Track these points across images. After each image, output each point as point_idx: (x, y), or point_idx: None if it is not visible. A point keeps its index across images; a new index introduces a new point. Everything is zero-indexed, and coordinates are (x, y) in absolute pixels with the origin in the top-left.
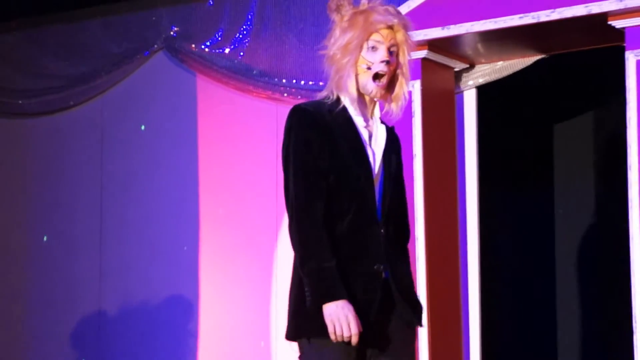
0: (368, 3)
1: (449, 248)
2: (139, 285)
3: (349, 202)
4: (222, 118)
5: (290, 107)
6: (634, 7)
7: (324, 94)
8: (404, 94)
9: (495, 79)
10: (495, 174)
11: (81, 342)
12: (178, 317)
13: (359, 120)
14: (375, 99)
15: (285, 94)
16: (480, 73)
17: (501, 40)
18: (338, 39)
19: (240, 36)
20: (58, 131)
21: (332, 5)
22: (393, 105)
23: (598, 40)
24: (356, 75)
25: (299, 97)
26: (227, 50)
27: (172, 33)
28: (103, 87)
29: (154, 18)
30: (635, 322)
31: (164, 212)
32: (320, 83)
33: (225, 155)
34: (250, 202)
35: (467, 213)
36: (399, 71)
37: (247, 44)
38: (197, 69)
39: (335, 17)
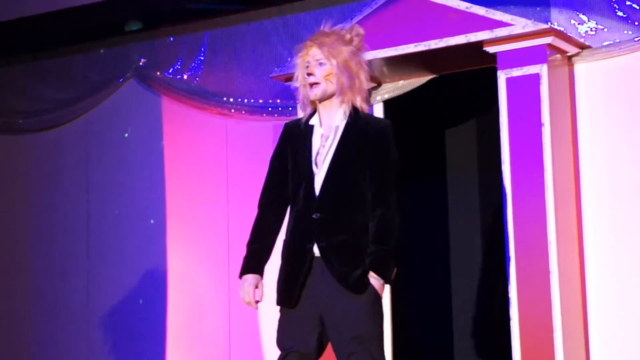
0: None
1: None
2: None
3: (296, 194)
4: (182, 130)
5: (236, 121)
6: (502, 37)
7: (300, 113)
8: (349, 91)
9: (397, 94)
10: (403, 168)
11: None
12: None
13: (317, 129)
14: (317, 101)
15: (232, 110)
16: (385, 90)
17: (401, 64)
18: (295, 73)
19: (195, 65)
20: (51, 143)
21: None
22: (348, 100)
23: (476, 63)
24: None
25: (243, 112)
26: (185, 76)
27: (141, 64)
28: (87, 108)
29: (126, 52)
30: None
31: (138, 205)
32: (260, 101)
33: (185, 159)
34: (203, 196)
35: None
36: (335, 78)
37: (201, 71)
38: (162, 91)
39: None
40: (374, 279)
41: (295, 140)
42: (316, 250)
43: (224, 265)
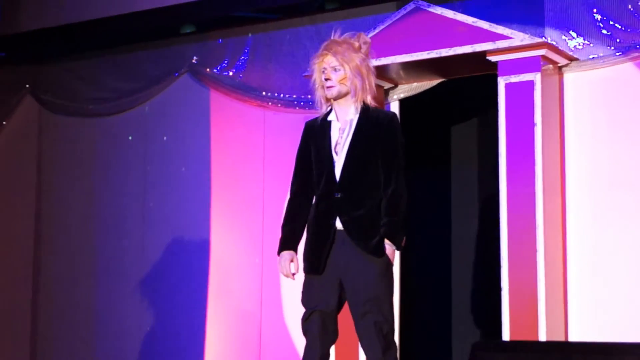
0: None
1: None
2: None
3: (318, 178)
4: (227, 119)
5: (273, 113)
6: (503, 48)
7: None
8: (361, 91)
9: (411, 94)
10: (413, 159)
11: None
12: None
13: (335, 124)
14: (333, 100)
15: (270, 103)
16: (401, 90)
17: (415, 68)
18: (312, 77)
19: (240, 63)
20: (116, 126)
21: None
22: (359, 98)
23: (480, 69)
24: (325, 96)
25: (279, 105)
26: (230, 73)
27: (194, 61)
28: (146, 98)
29: (181, 50)
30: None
31: (188, 180)
32: (294, 95)
33: (228, 144)
34: (243, 176)
35: None
36: (348, 80)
37: (244, 69)
38: (210, 85)
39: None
40: (387, 245)
41: (315, 136)
42: (338, 225)
43: (259, 236)
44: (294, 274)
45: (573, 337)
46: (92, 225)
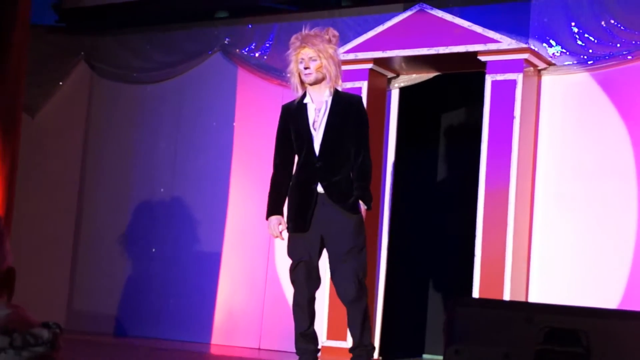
0: (293, 38)
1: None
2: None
3: (299, 151)
4: (251, 93)
5: (290, 90)
6: (492, 50)
7: (296, 95)
8: (332, 78)
9: (411, 84)
10: (407, 139)
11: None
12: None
13: (310, 105)
14: (309, 84)
15: (288, 82)
16: (402, 80)
17: (415, 62)
18: (289, 65)
19: (265, 47)
20: (155, 94)
21: (290, 42)
22: (331, 84)
23: (471, 67)
24: (301, 80)
25: None
26: (257, 55)
27: (225, 42)
28: (183, 70)
29: (215, 32)
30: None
31: (214, 144)
32: None
33: (251, 115)
34: (263, 143)
35: (387, 165)
36: (324, 69)
37: (269, 52)
38: (238, 64)
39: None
40: (361, 205)
41: (293, 116)
42: (319, 189)
43: None
44: (281, 233)
45: (532, 299)
46: (130, 176)
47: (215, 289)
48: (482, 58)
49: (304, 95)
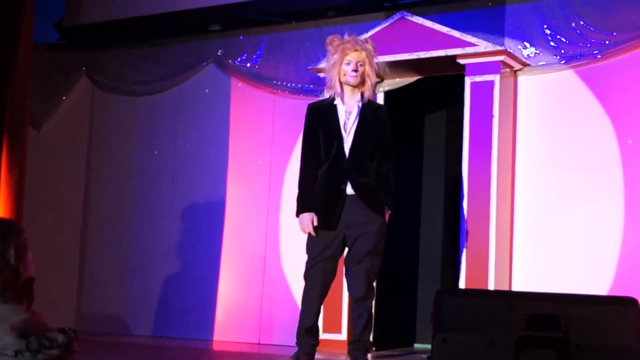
0: (344, 38)
1: None
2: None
3: (328, 151)
4: (244, 102)
5: (281, 98)
6: (470, 53)
7: (327, 94)
8: (370, 86)
9: (395, 88)
10: (393, 139)
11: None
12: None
13: (340, 107)
14: (350, 86)
15: (279, 90)
16: (386, 84)
17: (398, 67)
18: (329, 60)
19: (256, 57)
20: (155, 104)
21: (327, 42)
22: (365, 93)
23: (451, 70)
24: (339, 80)
25: (286, 92)
26: (248, 65)
27: (219, 53)
28: (180, 82)
29: (209, 45)
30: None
31: (211, 147)
32: (299, 85)
33: (244, 121)
34: (255, 147)
35: None
36: (366, 76)
37: (259, 61)
38: (231, 74)
39: (328, 48)
40: (386, 209)
41: (322, 115)
42: (349, 189)
43: (265, 195)
44: (315, 230)
45: (515, 289)
46: (132, 183)
47: (216, 288)
48: (461, 61)
49: (332, 98)
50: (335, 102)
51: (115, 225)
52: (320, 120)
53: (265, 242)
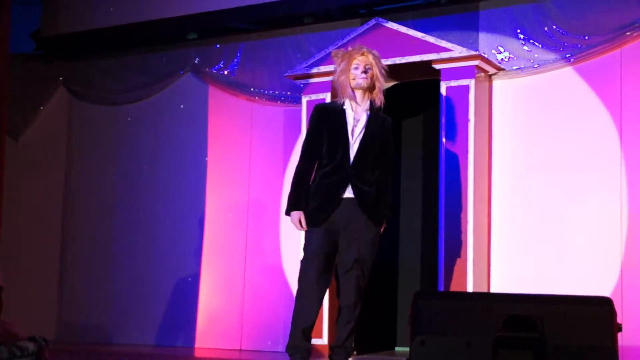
0: (349, 49)
1: None
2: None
3: (333, 154)
4: (221, 109)
5: (259, 105)
6: (445, 58)
7: (337, 98)
8: (379, 91)
9: None
10: None
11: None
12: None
13: (349, 112)
14: (359, 89)
15: (257, 97)
16: None
17: None
18: (338, 69)
19: (233, 64)
20: (131, 113)
21: (333, 54)
22: (375, 98)
23: (426, 75)
24: (350, 85)
25: (264, 99)
26: (225, 72)
27: (196, 62)
28: (157, 90)
29: (186, 53)
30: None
31: (189, 156)
32: (276, 92)
33: (222, 129)
34: (233, 154)
35: None
36: (375, 79)
37: (236, 69)
38: (209, 82)
39: (335, 60)
40: (383, 221)
41: (329, 118)
42: (349, 194)
43: (244, 203)
44: (302, 225)
45: (494, 290)
46: (112, 192)
47: (197, 296)
48: (437, 66)
49: (342, 102)
50: (344, 107)
51: (94, 234)
52: (328, 123)
53: (245, 249)
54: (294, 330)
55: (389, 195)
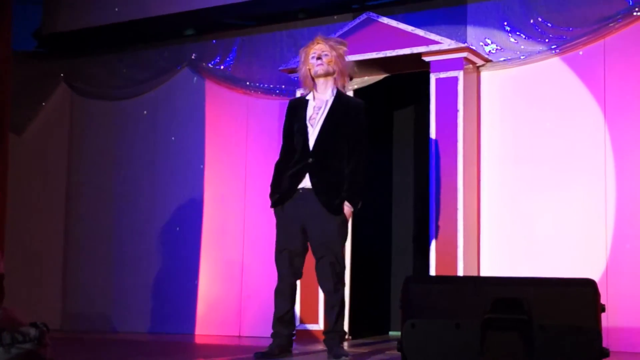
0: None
1: None
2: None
3: (297, 146)
4: (218, 103)
5: (254, 98)
6: (434, 50)
7: (304, 91)
8: (339, 73)
9: (363, 86)
10: None
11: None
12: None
13: (311, 102)
14: (318, 76)
15: (252, 91)
16: (355, 83)
17: (366, 65)
18: (299, 63)
19: (229, 59)
20: (130, 108)
21: (299, 52)
22: (338, 82)
23: (416, 67)
24: (311, 75)
25: (259, 92)
26: (222, 67)
27: (193, 57)
28: (156, 85)
29: (183, 49)
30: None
31: (187, 149)
32: (271, 85)
33: (219, 122)
34: (230, 147)
35: None
36: (333, 64)
37: (232, 64)
38: (206, 76)
39: (300, 56)
40: (347, 206)
41: (296, 111)
42: (307, 184)
43: (242, 193)
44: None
45: (483, 274)
46: (113, 184)
47: (197, 283)
48: (426, 58)
49: (308, 94)
50: (307, 98)
51: (96, 225)
52: (294, 117)
53: (243, 237)
54: (273, 319)
55: (357, 178)
